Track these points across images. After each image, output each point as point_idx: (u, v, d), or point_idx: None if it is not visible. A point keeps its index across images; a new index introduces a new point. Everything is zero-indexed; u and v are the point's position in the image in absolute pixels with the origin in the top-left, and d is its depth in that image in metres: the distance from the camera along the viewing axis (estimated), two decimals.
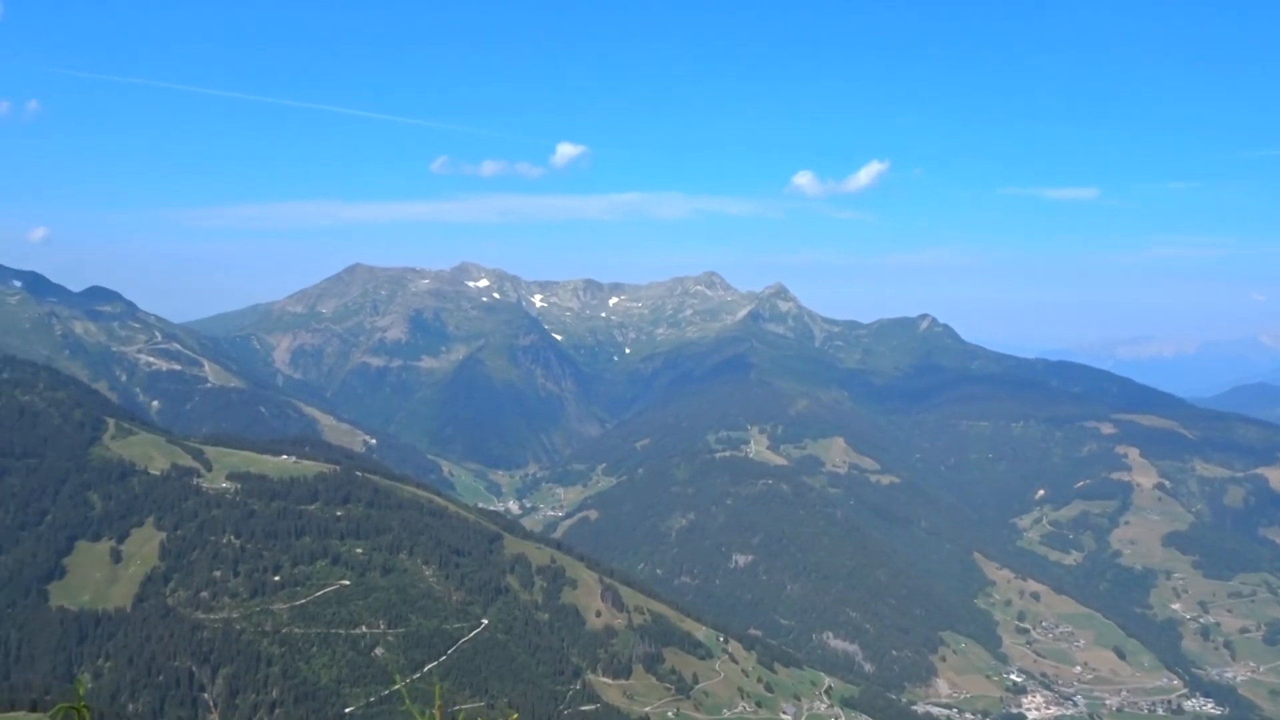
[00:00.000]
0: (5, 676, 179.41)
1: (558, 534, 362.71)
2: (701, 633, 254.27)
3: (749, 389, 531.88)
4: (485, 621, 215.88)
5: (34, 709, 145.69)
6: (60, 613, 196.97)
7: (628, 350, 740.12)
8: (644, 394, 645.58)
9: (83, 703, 5.72)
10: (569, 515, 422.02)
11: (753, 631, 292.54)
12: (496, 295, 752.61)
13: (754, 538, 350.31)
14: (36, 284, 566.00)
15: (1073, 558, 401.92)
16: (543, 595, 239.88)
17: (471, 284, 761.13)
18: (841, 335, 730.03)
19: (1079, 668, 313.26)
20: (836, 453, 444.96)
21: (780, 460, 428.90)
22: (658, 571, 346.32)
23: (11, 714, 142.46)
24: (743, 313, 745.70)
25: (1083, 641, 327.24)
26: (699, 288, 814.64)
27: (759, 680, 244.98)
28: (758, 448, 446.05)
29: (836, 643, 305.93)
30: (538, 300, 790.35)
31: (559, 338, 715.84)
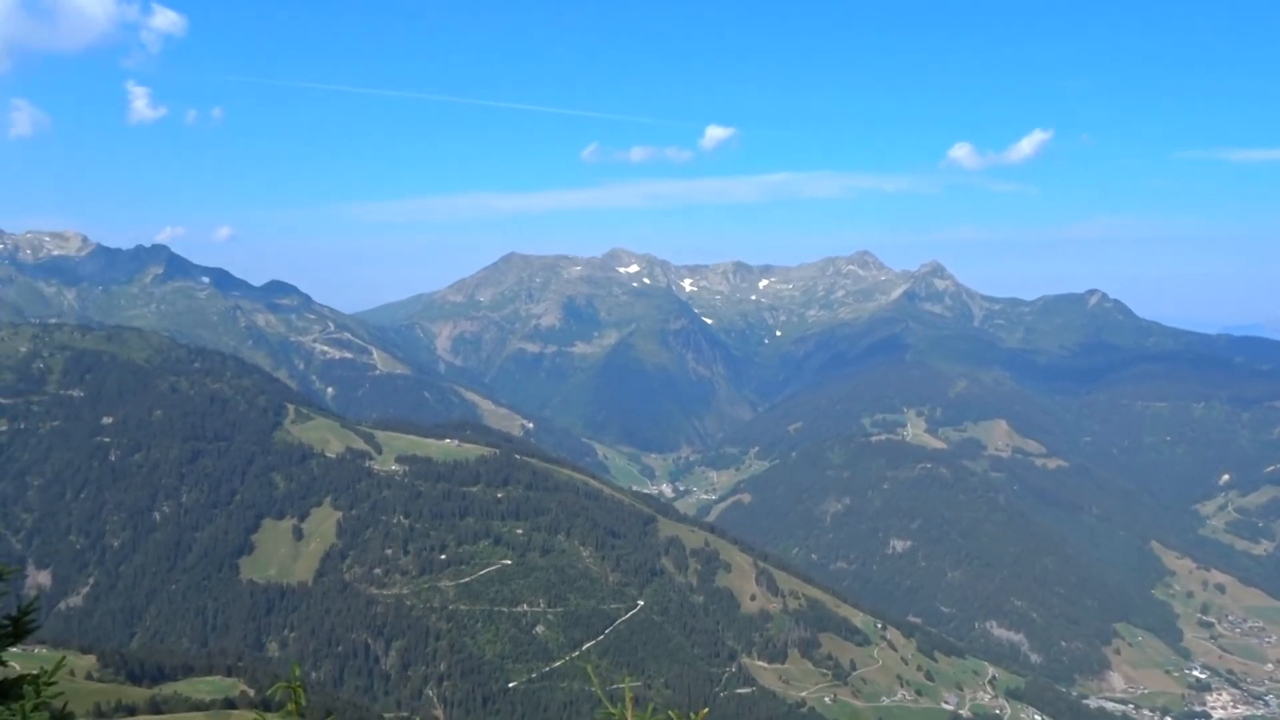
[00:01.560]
0: (203, 643, 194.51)
1: (711, 517, 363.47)
2: (859, 619, 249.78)
3: (905, 370, 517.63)
4: (641, 603, 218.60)
5: (229, 674, 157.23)
6: (250, 585, 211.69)
7: (778, 333, 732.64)
8: (795, 377, 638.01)
9: (298, 682, 5.83)
10: (722, 499, 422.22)
11: (912, 619, 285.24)
12: (647, 280, 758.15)
13: (912, 523, 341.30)
14: (223, 280, 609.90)
15: (1262, 547, 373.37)
16: (697, 578, 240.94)
17: (622, 270, 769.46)
18: (1002, 313, 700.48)
19: (1270, 665, 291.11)
20: (998, 436, 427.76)
21: (939, 443, 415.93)
22: (812, 556, 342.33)
23: (209, 678, 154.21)
24: (897, 292, 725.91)
25: (1274, 638, 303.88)
26: (851, 267, 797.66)
27: (919, 668, 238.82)
28: (915, 431, 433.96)
29: (1000, 632, 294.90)
30: (687, 284, 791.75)
31: (709, 321, 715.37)
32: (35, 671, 5.00)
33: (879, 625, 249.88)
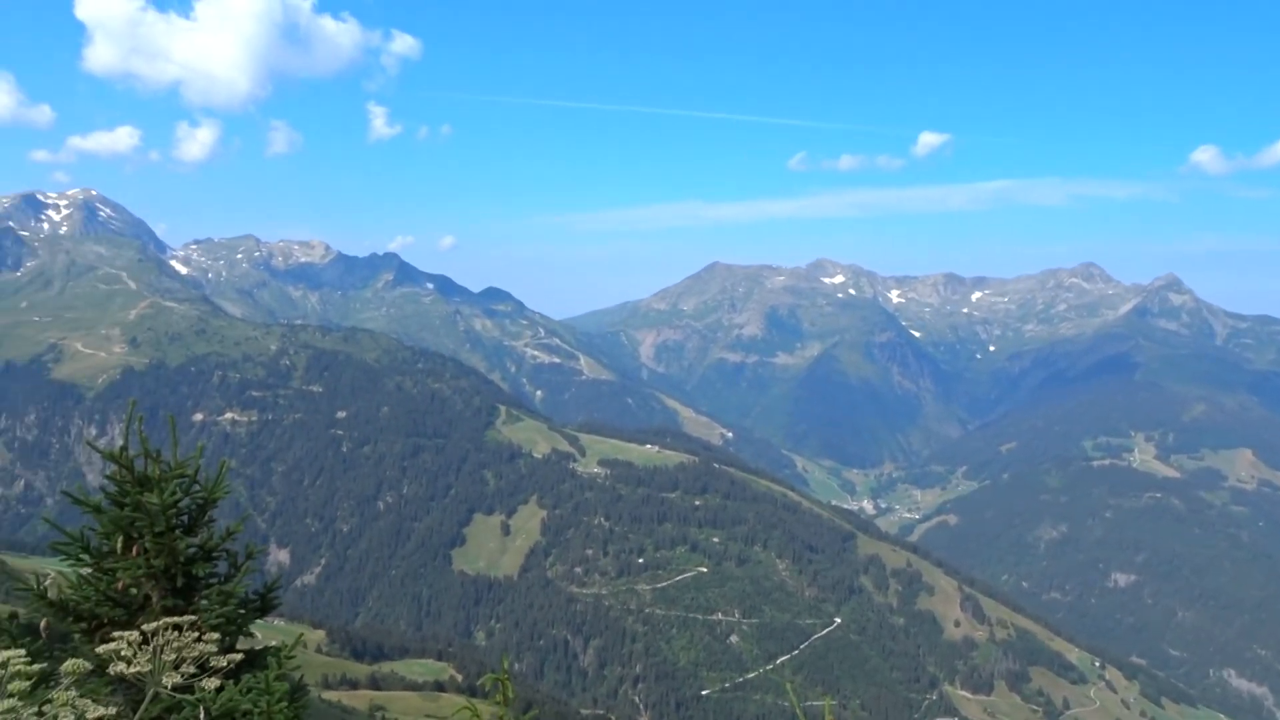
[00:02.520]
0: (418, 627, 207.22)
1: (914, 537, 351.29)
2: (1074, 655, 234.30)
3: (1133, 391, 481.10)
4: (838, 620, 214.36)
5: (440, 658, 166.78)
6: (460, 576, 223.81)
7: (992, 348, 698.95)
8: (1009, 394, 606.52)
9: (506, 675, 6.55)
10: (926, 518, 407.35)
11: (1135, 660, 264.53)
12: (852, 291, 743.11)
13: (1137, 556, 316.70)
14: (445, 286, 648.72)
15: None
16: (897, 599, 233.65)
17: (826, 280, 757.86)
18: (1250, 332, 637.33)
19: None
20: (1242, 466, 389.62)
21: (1170, 471, 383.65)
22: (1023, 584, 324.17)
23: (422, 660, 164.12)
24: (1126, 307, 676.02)
25: None
26: (1074, 280, 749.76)
27: (1142, 714, 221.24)
28: (1143, 456, 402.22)
29: (1240, 682, 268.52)
30: (894, 296, 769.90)
31: (917, 334, 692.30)
32: (277, 644, 5.95)
33: (1097, 663, 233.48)
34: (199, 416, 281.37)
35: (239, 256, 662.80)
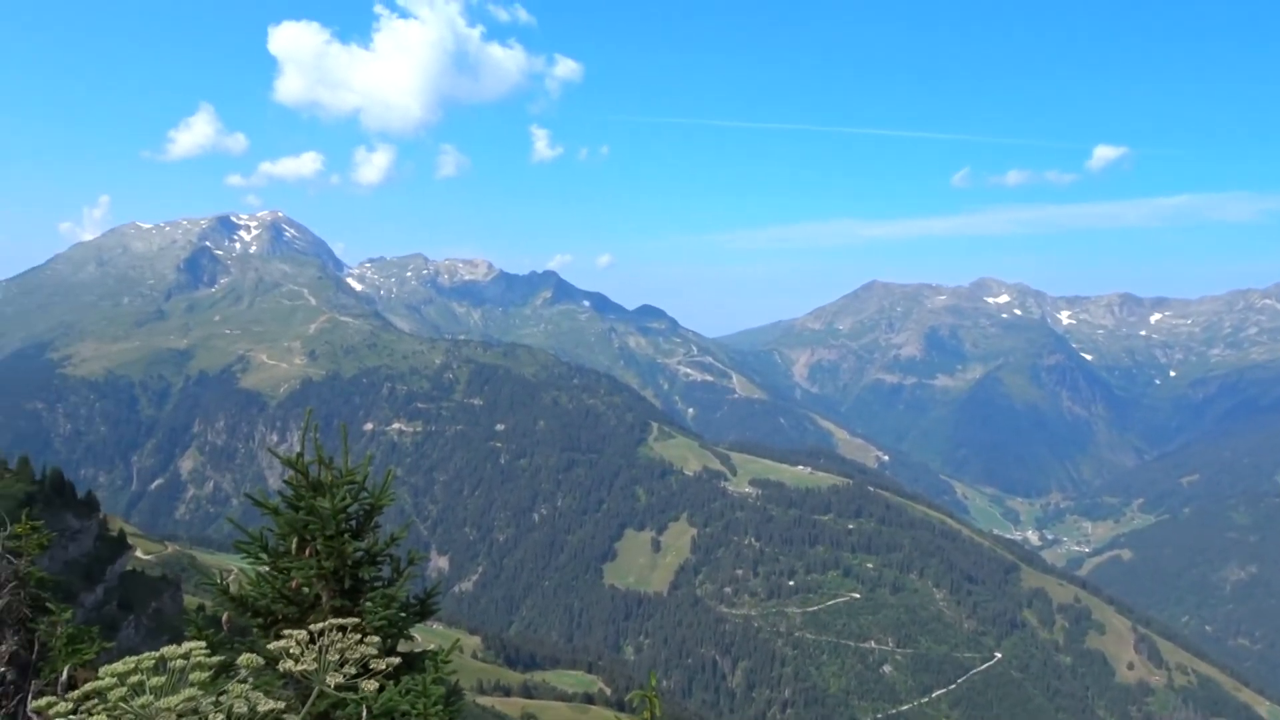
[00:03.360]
0: (569, 638, 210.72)
1: (1083, 571, 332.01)
2: (1264, 708, 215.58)
3: None
4: (998, 655, 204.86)
5: (590, 670, 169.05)
6: (611, 590, 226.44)
7: (1172, 373, 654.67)
8: (1192, 423, 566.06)
9: (654, 692, 6.58)
10: (1096, 552, 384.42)
11: None
12: (1018, 311, 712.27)
13: None
14: (601, 303, 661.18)
15: None
16: (1064, 636, 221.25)
17: (990, 300, 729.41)
18: None
19: None
20: None
21: None
22: (1206, 628, 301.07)
23: (572, 671, 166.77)
24: None
25: None
26: (1267, 301, 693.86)
27: None
28: None
29: None
30: (1064, 317, 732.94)
31: (1088, 357, 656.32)
32: (435, 648, 6.20)
33: None
34: (369, 426, 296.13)
35: (408, 274, 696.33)
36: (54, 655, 9.01)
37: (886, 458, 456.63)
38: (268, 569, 6.56)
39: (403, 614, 6.43)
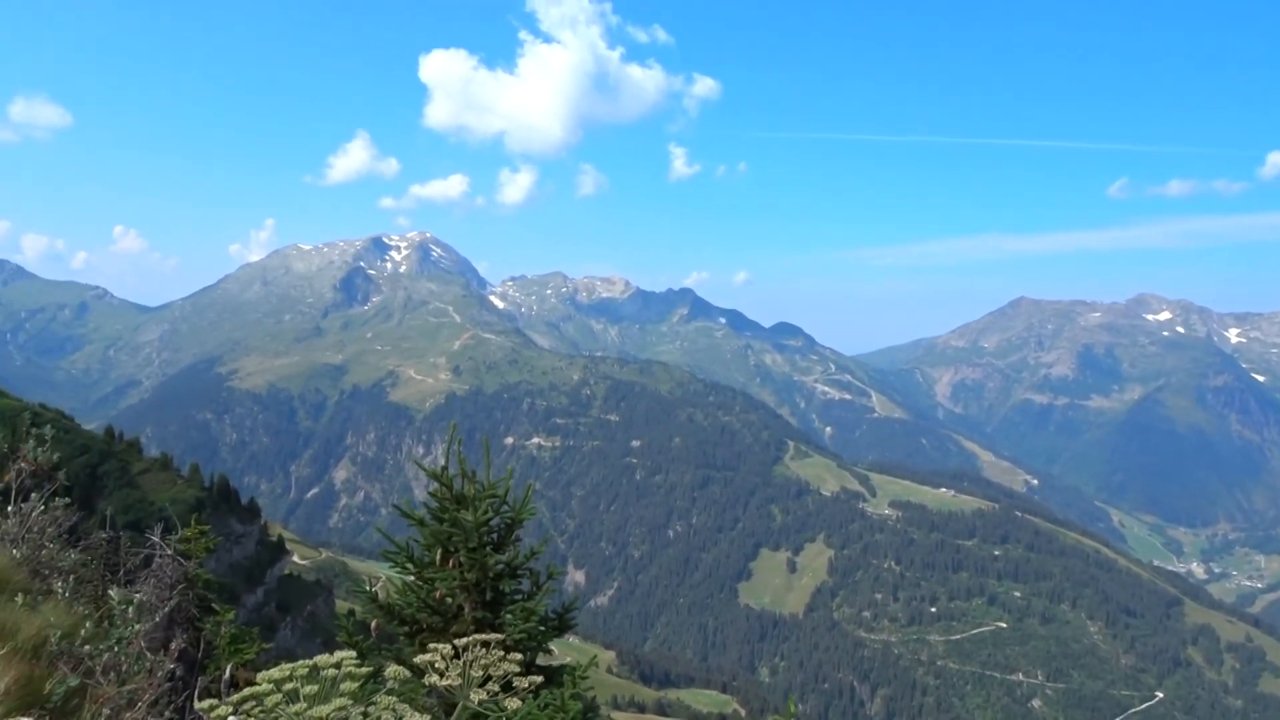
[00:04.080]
0: (704, 657, 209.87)
1: (1255, 608, 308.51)
2: None
3: None
4: (1159, 695, 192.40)
5: (724, 690, 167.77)
6: (746, 610, 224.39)
7: None
8: None
9: (793, 716, 6.43)
10: (1272, 588, 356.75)
11: None
12: (1180, 329, 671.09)
13: None
14: (737, 321, 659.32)
15: None
16: (1234, 677, 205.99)
17: (1150, 317, 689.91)
18: None
19: None
20: None
21: None
22: None
23: (707, 691, 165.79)
24: None
25: None
26: None
27: None
28: None
29: None
30: (1233, 335, 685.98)
31: (1260, 378, 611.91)
32: (572, 662, 6.25)
33: None
34: (509, 440, 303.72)
35: (548, 292, 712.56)
36: (218, 653, 9.54)
37: (1035, 482, 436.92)
38: (413, 579, 6.77)
39: (541, 628, 6.51)
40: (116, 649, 5.19)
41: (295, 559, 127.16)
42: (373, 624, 6.70)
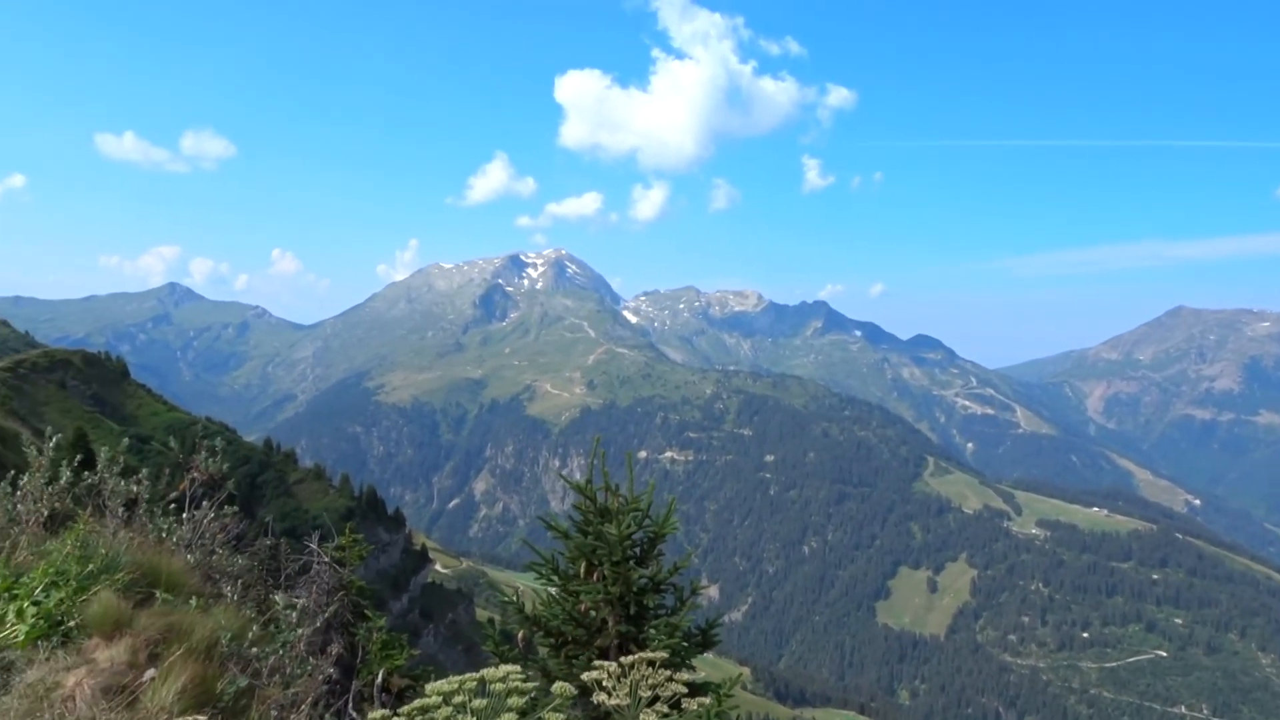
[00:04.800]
0: (840, 676, 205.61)
1: None
2: None
3: None
4: None
5: (861, 711, 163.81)
6: (884, 629, 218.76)
7: None
8: None
9: None
10: None
11: None
12: None
13: None
14: (873, 333, 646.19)
15: None
16: None
17: None
18: None
19: None
20: None
21: None
22: None
23: (844, 711, 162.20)
24: None
25: None
26: None
27: None
28: None
29: None
30: None
31: None
32: (710, 679, 6.23)
33: None
34: (643, 454, 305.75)
35: (681, 306, 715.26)
36: (370, 658, 9.95)
37: (1197, 502, 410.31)
38: (557, 591, 6.90)
39: (685, 644, 6.53)
40: (281, 652, 5.41)
41: (437, 567, 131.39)
42: (519, 635, 6.85)
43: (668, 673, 2.81)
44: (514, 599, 7.30)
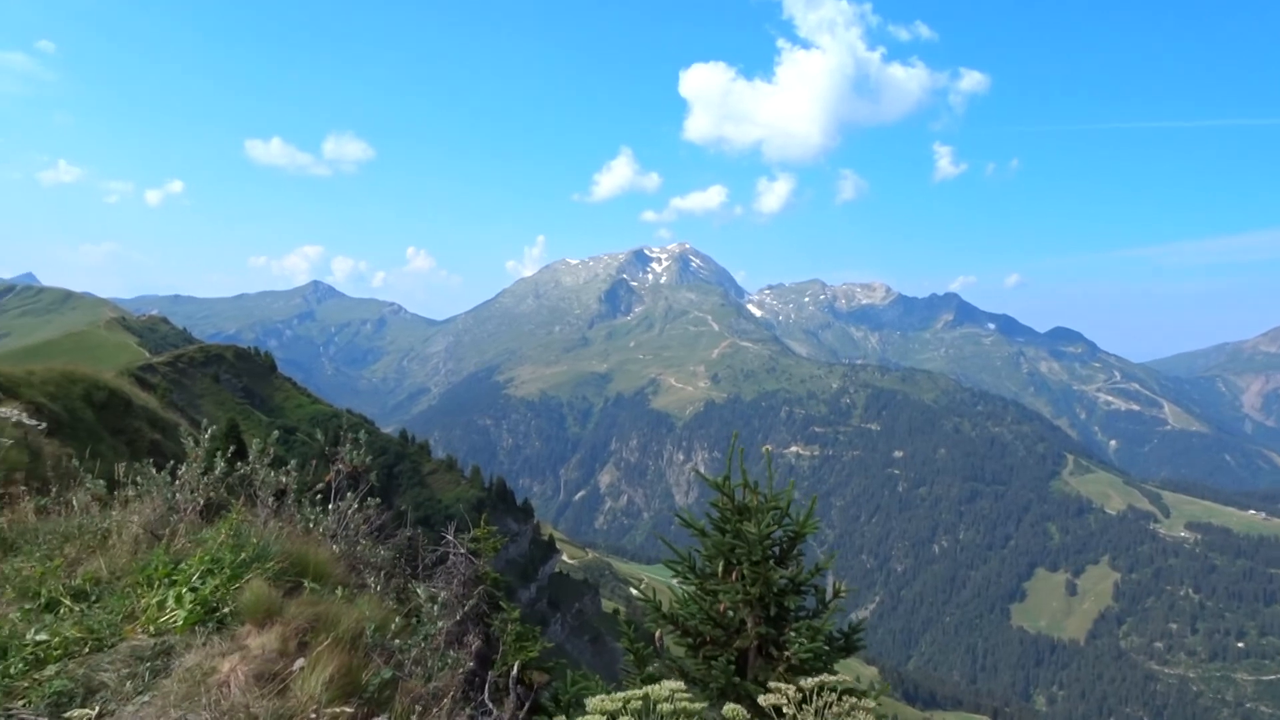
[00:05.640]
0: (972, 680, 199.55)
1: None
2: None
3: None
4: None
5: (995, 716, 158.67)
6: (1019, 632, 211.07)
7: None
8: None
9: None
10: None
11: None
12: None
13: None
14: (1008, 326, 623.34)
15: None
16: None
17: None
18: None
19: None
20: None
21: None
22: None
23: (975, 715, 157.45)
24: None
25: None
26: None
27: None
28: None
29: None
30: None
31: None
32: (853, 682, 6.09)
33: None
34: (767, 448, 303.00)
35: (806, 299, 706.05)
36: (505, 650, 10.15)
37: None
38: (694, 589, 6.86)
39: (826, 648, 6.39)
40: (424, 644, 5.59)
41: (564, 558, 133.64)
42: (657, 634, 6.84)
43: (853, 700, 2.82)
44: (651, 597, 7.31)
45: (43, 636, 4.67)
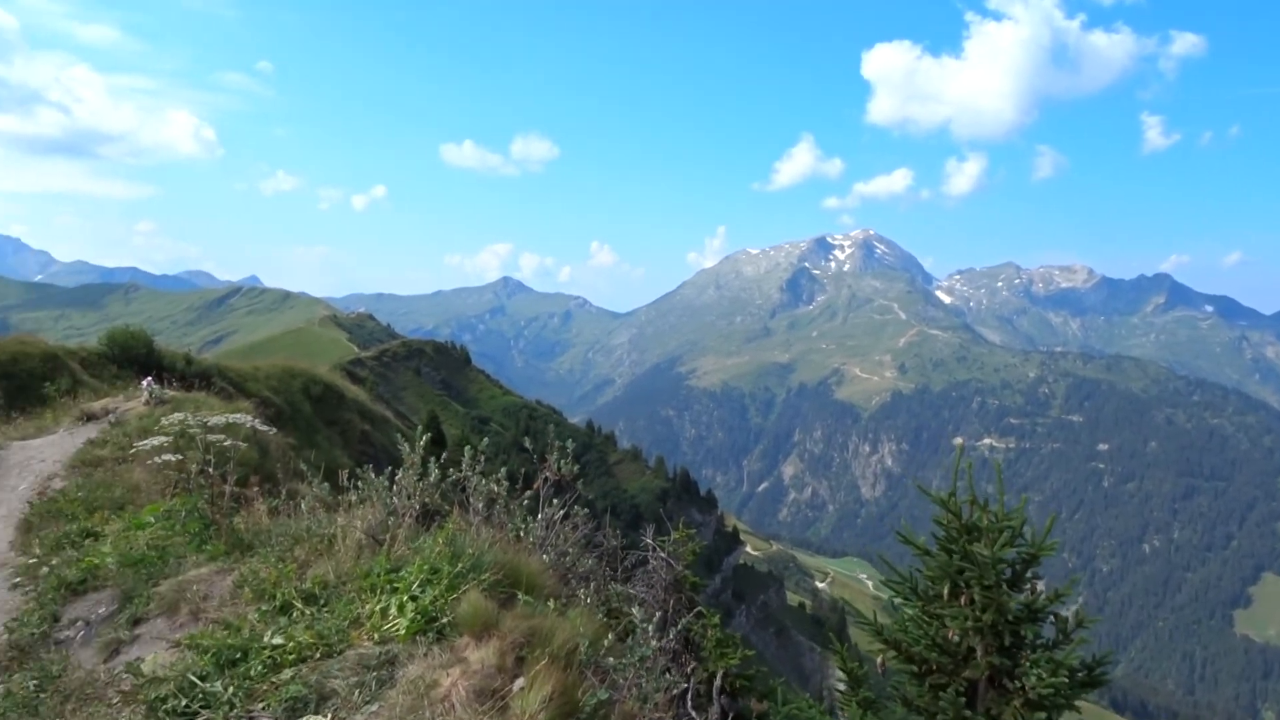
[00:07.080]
0: (1189, 690, 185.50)
1: None
2: None
3: None
4: None
5: None
6: (1244, 641, 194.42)
7: None
8: None
9: None
10: None
11: None
12: None
13: None
14: (1228, 308, 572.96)
15: None
16: None
17: None
18: None
19: None
20: None
21: None
22: None
23: None
24: None
25: None
26: None
27: None
28: None
29: None
30: None
31: None
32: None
33: None
34: (958, 441, 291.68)
35: (999, 284, 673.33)
36: (705, 656, 9.93)
37: None
38: (917, 612, 6.39)
39: (1068, 682, 5.80)
40: (639, 665, 5.40)
41: (748, 549, 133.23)
42: (879, 661, 6.40)
43: None
44: (873, 619, 6.87)
45: (278, 640, 4.83)
